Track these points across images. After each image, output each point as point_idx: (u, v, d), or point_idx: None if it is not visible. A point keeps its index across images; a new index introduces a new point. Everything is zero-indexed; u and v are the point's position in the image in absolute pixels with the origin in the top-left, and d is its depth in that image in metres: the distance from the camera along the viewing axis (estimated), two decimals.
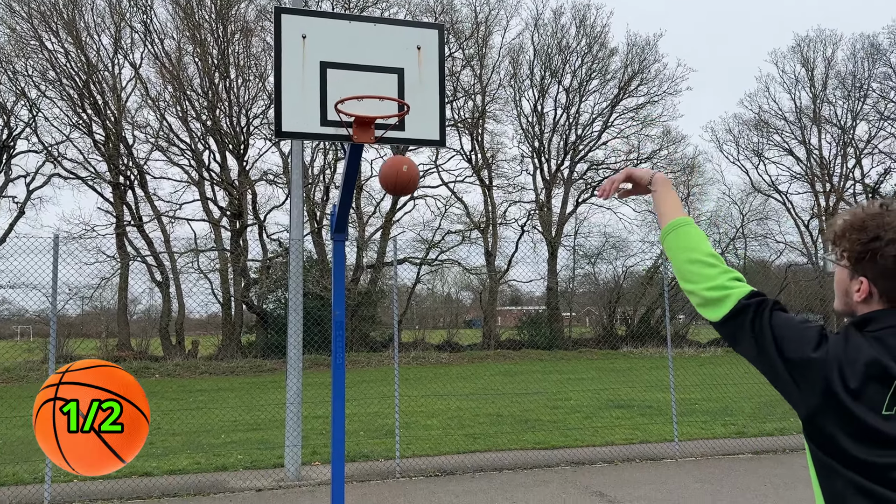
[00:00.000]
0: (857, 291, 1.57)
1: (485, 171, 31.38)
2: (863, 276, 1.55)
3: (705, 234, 1.79)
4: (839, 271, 1.63)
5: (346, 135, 4.87)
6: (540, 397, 14.23)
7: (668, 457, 8.51)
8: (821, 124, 36.06)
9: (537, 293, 34.73)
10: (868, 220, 1.54)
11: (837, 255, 1.62)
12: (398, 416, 8.01)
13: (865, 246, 1.53)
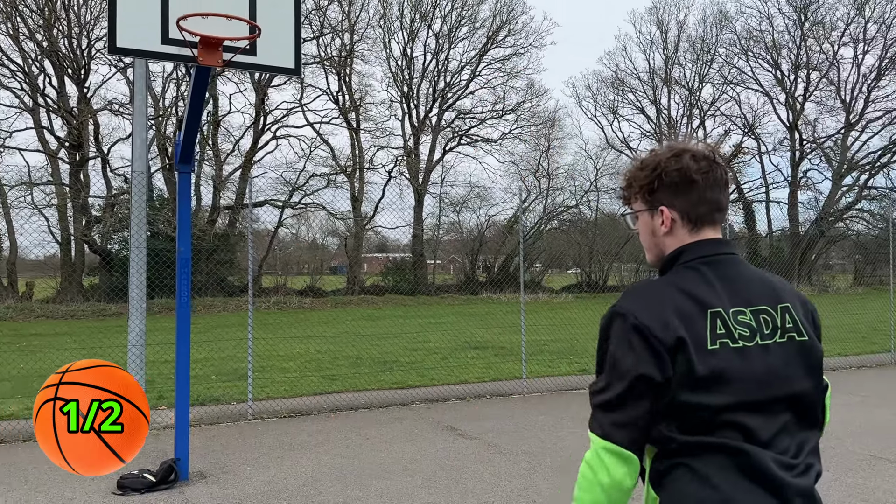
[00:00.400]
0: (662, 225, 1.58)
1: (352, 113, 30.77)
2: (661, 206, 1.58)
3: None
4: (641, 219, 1.64)
5: (190, 56, 4.53)
6: (400, 340, 14.42)
7: (516, 393, 8.91)
8: (671, 85, 38.22)
9: (403, 240, 34.91)
10: (646, 159, 1.60)
11: (634, 202, 1.65)
12: (251, 359, 7.80)
13: (651, 175, 1.57)
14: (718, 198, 1.57)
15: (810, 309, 1.59)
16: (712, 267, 1.52)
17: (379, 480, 5.34)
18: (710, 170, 1.56)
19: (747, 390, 1.42)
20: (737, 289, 1.50)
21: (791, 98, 37.62)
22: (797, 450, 1.47)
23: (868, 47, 36.29)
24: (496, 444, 6.40)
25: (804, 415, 1.50)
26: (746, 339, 1.45)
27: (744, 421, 1.42)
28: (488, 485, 5.22)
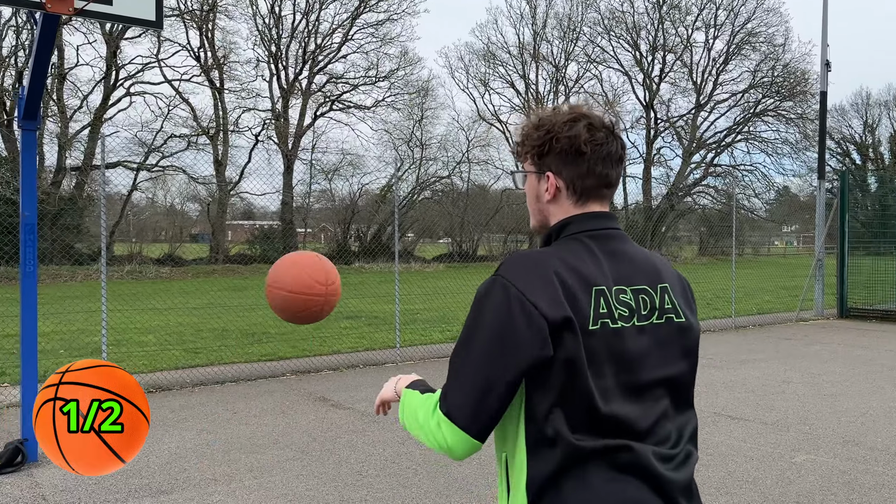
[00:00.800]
0: (547, 191, 1.50)
1: (215, 72, 29.23)
2: (548, 172, 1.49)
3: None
4: (529, 181, 1.54)
5: (36, 1, 4.08)
6: (269, 311, 13.98)
7: (390, 361, 8.93)
8: (539, 61, 39.23)
9: (272, 207, 33.86)
10: (543, 119, 1.50)
11: (524, 161, 1.56)
12: (105, 333, 7.28)
13: (543, 138, 1.47)
14: (609, 172, 1.48)
15: (686, 287, 1.54)
16: (598, 242, 1.44)
17: (249, 455, 5.17)
18: (604, 142, 1.47)
19: (625, 374, 1.36)
20: (620, 266, 1.42)
21: (648, 78, 39.78)
22: (678, 437, 1.42)
23: (718, 32, 38.99)
24: (370, 413, 6.38)
25: (680, 398, 1.45)
26: (625, 319, 1.37)
27: (623, 410, 1.34)
28: (363, 453, 5.19)
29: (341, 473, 4.79)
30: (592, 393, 1.31)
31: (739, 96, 39.64)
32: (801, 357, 9.44)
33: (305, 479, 4.69)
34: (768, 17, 38.51)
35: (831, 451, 5.27)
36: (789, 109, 39.16)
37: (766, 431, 5.79)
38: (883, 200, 24.15)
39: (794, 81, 38.27)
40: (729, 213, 16.83)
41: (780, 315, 14.34)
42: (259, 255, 28.82)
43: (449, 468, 4.88)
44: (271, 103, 31.47)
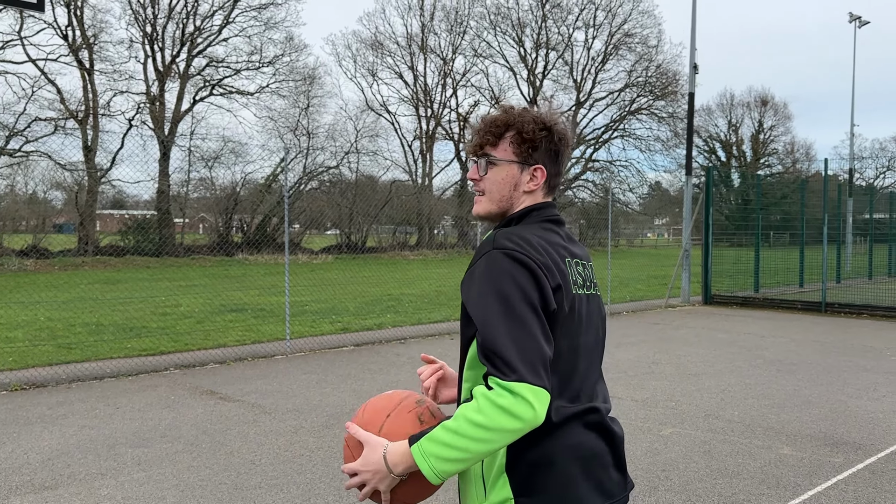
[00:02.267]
0: (531, 181, 1.61)
1: (85, 52, 27.47)
2: (538, 166, 1.61)
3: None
4: (505, 169, 1.61)
5: None
6: (147, 304, 13.46)
7: (279, 354, 8.86)
8: (427, 53, 39.52)
9: (145, 196, 32.31)
10: (541, 115, 1.62)
11: (498, 149, 1.61)
12: None
13: (540, 134, 1.59)
14: (565, 166, 1.71)
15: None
16: (557, 225, 1.63)
17: (135, 448, 5.04)
18: (569, 151, 1.68)
19: (583, 336, 1.56)
20: (571, 244, 1.65)
21: (532, 75, 41.02)
22: (605, 394, 1.65)
23: (597, 32, 40.72)
24: (260, 404, 6.35)
25: (600, 361, 1.68)
26: (579, 287, 1.57)
27: (584, 366, 1.56)
28: (254, 444, 5.18)
29: (234, 463, 4.77)
30: (570, 350, 1.52)
31: (616, 95, 41.68)
32: (669, 340, 10.18)
33: (197, 469, 4.64)
34: (643, 19, 40.71)
35: (694, 424, 5.78)
36: (661, 108, 41.60)
37: (637, 408, 6.26)
38: (745, 195, 26.23)
39: (665, 82, 40.67)
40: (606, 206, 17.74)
41: (651, 302, 15.32)
42: (132, 246, 27.41)
43: (342, 454, 4.96)
44: (146, 86, 29.99)
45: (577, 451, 1.51)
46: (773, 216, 22.94)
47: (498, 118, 1.62)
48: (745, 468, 4.72)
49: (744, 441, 5.31)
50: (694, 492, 4.30)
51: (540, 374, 1.37)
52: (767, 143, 54.76)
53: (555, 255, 1.52)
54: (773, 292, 16.13)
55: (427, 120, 39.93)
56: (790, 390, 6.96)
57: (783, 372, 7.87)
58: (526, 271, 1.44)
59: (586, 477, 1.51)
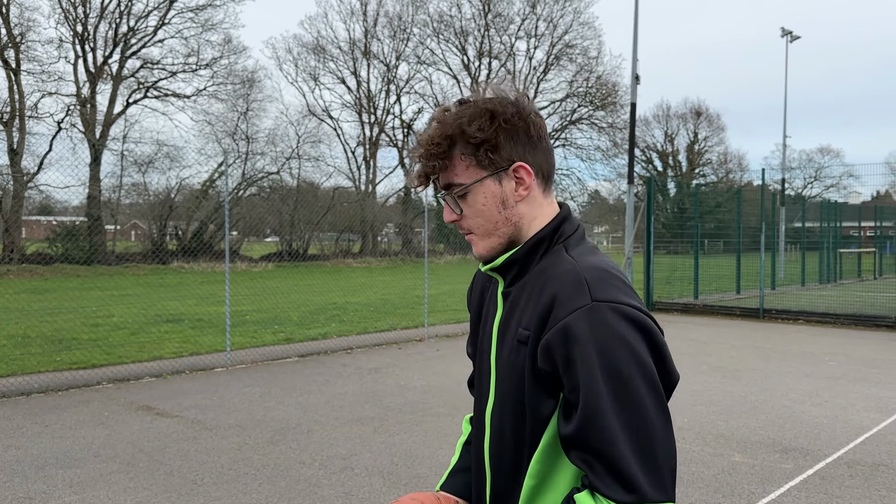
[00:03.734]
0: (519, 186, 1.21)
1: (10, 51, 26.23)
2: (518, 163, 1.20)
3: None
4: (480, 192, 1.20)
5: None
6: (77, 315, 12.82)
7: (219, 366, 8.52)
8: (370, 59, 39.30)
9: (74, 202, 31.04)
10: (484, 99, 1.21)
11: (456, 173, 1.21)
12: None
13: (489, 126, 1.18)
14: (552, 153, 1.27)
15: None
16: (587, 239, 1.25)
17: (67, 469, 4.70)
18: (543, 124, 1.24)
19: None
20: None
21: (475, 82, 41.17)
22: None
23: (538, 42, 41.25)
24: (201, 420, 6.05)
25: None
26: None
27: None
28: (196, 462, 4.91)
29: (174, 483, 4.50)
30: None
31: (558, 104, 42.28)
32: None
33: (134, 491, 4.35)
34: (584, 30, 41.49)
35: None
36: (601, 119, 42.41)
37: None
38: (681, 204, 26.90)
39: (605, 92, 41.48)
40: None
41: None
42: (61, 254, 26.24)
43: (290, 470, 4.75)
44: (76, 88, 28.85)
45: None
46: (708, 225, 23.61)
47: (433, 135, 1.19)
48: (700, 476, 4.71)
49: (696, 448, 5.31)
50: None
51: (666, 489, 1.04)
52: (702, 153, 56.49)
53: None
54: (712, 299, 16.51)
55: (370, 126, 39.67)
56: (736, 396, 7.05)
57: (728, 378, 7.98)
58: (646, 339, 1.08)
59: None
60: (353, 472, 4.77)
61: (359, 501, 4.25)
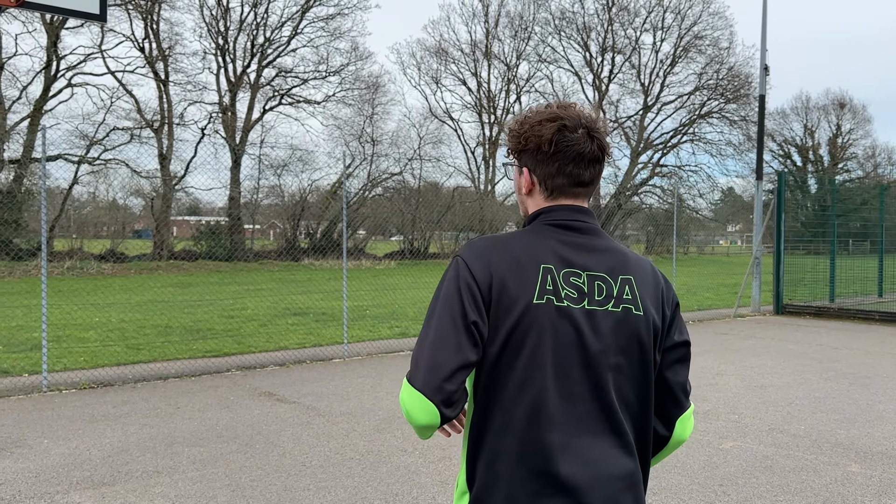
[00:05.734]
0: (525, 184, 1.60)
1: (160, 63, 28.63)
2: (525, 168, 1.60)
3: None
4: (515, 175, 1.65)
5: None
6: (214, 307, 13.86)
7: (337, 357, 8.97)
8: (491, 59, 39.52)
9: (219, 203, 33.35)
10: (525, 117, 1.60)
11: (511, 155, 1.65)
12: (45, 328, 7.15)
13: (518, 137, 1.58)
14: (580, 172, 1.56)
15: (663, 287, 1.58)
16: (563, 230, 1.54)
17: (192, 448, 5.17)
18: (577, 143, 1.55)
19: (565, 349, 1.45)
20: (580, 253, 1.52)
21: (598, 79, 40.46)
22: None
23: (665, 35, 39.85)
24: (315, 406, 6.42)
25: (626, 383, 1.52)
26: (572, 300, 1.46)
27: (551, 394, 1.46)
28: (307, 446, 5.24)
29: (285, 464, 4.84)
30: (543, 373, 1.45)
31: (685, 98, 40.66)
32: (736, 351, 9.82)
33: (249, 470, 4.72)
34: (714, 20, 39.60)
35: (757, 437, 5.54)
36: (733, 112, 40.35)
37: (697, 420, 6.04)
38: (822, 202, 25.18)
39: (737, 84, 39.43)
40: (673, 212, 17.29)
41: (719, 311, 14.83)
42: (205, 251, 28.33)
43: (392, 457, 4.98)
44: (218, 96, 31.00)
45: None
46: (853, 223, 21.91)
47: (507, 125, 1.67)
48: (809, 485, 4.48)
49: (809, 457, 5.05)
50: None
51: (412, 373, 1.45)
52: (846, 147, 52.44)
53: (524, 260, 1.49)
54: (850, 302, 15.38)
55: (490, 126, 39.91)
56: (862, 405, 6.60)
57: (856, 385, 7.47)
58: (456, 275, 1.50)
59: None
60: (451, 461, 4.92)
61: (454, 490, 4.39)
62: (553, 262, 1.49)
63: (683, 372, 1.60)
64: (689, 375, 1.62)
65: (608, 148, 1.60)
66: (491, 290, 1.46)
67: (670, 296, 1.59)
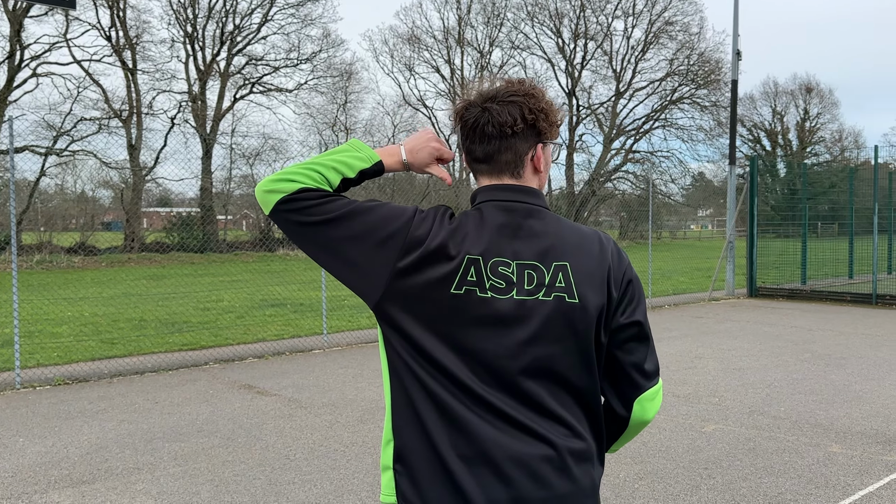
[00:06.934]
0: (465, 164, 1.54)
1: (127, 52, 28.04)
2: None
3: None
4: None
5: None
6: (189, 300, 13.67)
7: (317, 348, 8.89)
8: (464, 46, 39.37)
9: (190, 194, 32.84)
10: (458, 106, 1.55)
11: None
12: (17, 325, 6.98)
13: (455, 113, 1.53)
14: (472, 147, 1.49)
15: (610, 269, 1.45)
16: (497, 213, 1.43)
17: (172, 443, 5.08)
18: (473, 118, 1.47)
19: (492, 340, 1.39)
20: (510, 240, 1.42)
21: (570, 65, 40.50)
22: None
23: (636, 21, 39.98)
24: (297, 398, 6.36)
25: (557, 377, 1.43)
26: (499, 290, 1.39)
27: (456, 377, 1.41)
28: (290, 438, 5.18)
29: (268, 458, 4.77)
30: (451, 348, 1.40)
31: (657, 84, 40.89)
32: (713, 334, 9.92)
33: (232, 464, 4.65)
34: (684, 6, 39.79)
35: (738, 420, 5.60)
36: (704, 97, 40.69)
37: (679, 404, 6.09)
38: (791, 185, 25.54)
39: (708, 70, 39.74)
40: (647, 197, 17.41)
41: (694, 295, 14.98)
42: (177, 243, 27.91)
43: (376, 448, 4.93)
44: (188, 85, 30.49)
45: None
46: (821, 206, 22.25)
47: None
48: (792, 466, 4.54)
49: (790, 438, 5.11)
50: (738, 491, 4.15)
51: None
52: (814, 131, 53.20)
53: (450, 247, 1.40)
54: (822, 284, 15.64)
55: None
56: (839, 385, 6.71)
57: (832, 366, 7.59)
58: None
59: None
60: None
61: None
62: (479, 252, 1.40)
63: (638, 351, 1.50)
64: (649, 354, 1.53)
65: (512, 122, 1.44)
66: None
67: (620, 274, 1.47)
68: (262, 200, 1.50)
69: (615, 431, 1.57)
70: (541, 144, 1.50)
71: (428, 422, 1.39)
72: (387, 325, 1.45)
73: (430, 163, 1.60)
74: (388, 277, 1.41)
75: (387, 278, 1.41)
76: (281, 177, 1.47)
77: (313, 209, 1.45)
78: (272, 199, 1.47)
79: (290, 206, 1.46)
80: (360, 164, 1.54)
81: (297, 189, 1.45)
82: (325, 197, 1.46)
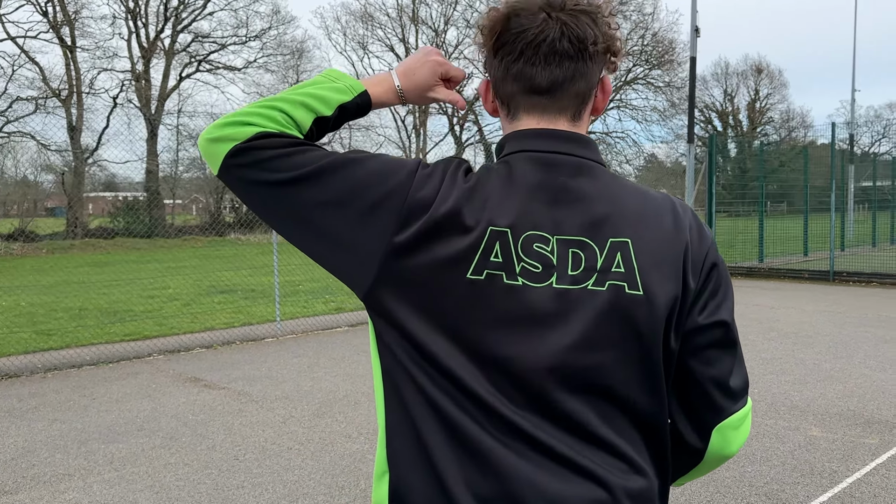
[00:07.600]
0: (483, 100, 1.15)
1: (66, 28, 26.71)
2: (486, 76, 1.13)
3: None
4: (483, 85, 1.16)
5: None
6: (133, 287, 13.01)
7: (269, 336, 8.45)
8: (418, 24, 38.74)
9: (136, 177, 31.70)
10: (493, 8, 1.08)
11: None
12: None
13: (478, 29, 1.11)
14: (532, 73, 1.04)
15: (686, 247, 1.05)
16: (529, 168, 1.03)
17: (108, 444, 4.62)
18: (527, 28, 1.03)
19: (522, 344, 1.00)
20: (552, 207, 1.02)
21: None
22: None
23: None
24: (247, 391, 5.93)
25: (604, 392, 1.03)
26: (532, 277, 1.00)
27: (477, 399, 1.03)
28: (239, 437, 4.77)
29: (215, 459, 4.36)
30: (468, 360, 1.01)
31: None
32: None
33: (174, 467, 4.22)
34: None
35: None
36: (658, 77, 40.92)
37: None
38: (742, 165, 25.82)
39: (662, 50, 39.94)
40: None
41: None
42: (122, 228, 26.88)
43: (335, 445, 4.57)
44: (130, 63, 29.25)
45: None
46: (770, 186, 22.55)
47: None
48: (774, 453, 4.32)
49: (768, 422, 4.91)
50: (722, 482, 3.91)
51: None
52: (764, 111, 54.19)
53: (464, 220, 0.99)
54: (778, 262, 15.75)
55: None
56: (810, 365, 6.58)
57: (799, 345, 7.48)
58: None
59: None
60: None
61: None
62: (507, 223, 1.01)
63: (722, 362, 1.08)
64: (736, 366, 1.09)
65: (593, 39, 1.05)
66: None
67: (700, 257, 1.06)
68: (207, 153, 1.09)
69: (685, 464, 1.16)
70: (608, 76, 1.12)
71: (435, 450, 1.00)
72: (381, 319, 1.03)
73: (434, 84, 1.20)
74: (381, 256, 1.00)
75: (380, 258, 1.00)
76: (231, 119, 1.07)
77: (276, 162, 1.04)
78: (220, 151, 1.06)
79: (244, 158, 1.05)
80: (339, 97, 1.13)
81: (254, 134, 1.05)
82: (292, 146, 1.06)
